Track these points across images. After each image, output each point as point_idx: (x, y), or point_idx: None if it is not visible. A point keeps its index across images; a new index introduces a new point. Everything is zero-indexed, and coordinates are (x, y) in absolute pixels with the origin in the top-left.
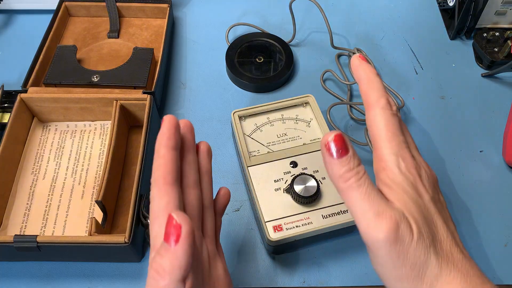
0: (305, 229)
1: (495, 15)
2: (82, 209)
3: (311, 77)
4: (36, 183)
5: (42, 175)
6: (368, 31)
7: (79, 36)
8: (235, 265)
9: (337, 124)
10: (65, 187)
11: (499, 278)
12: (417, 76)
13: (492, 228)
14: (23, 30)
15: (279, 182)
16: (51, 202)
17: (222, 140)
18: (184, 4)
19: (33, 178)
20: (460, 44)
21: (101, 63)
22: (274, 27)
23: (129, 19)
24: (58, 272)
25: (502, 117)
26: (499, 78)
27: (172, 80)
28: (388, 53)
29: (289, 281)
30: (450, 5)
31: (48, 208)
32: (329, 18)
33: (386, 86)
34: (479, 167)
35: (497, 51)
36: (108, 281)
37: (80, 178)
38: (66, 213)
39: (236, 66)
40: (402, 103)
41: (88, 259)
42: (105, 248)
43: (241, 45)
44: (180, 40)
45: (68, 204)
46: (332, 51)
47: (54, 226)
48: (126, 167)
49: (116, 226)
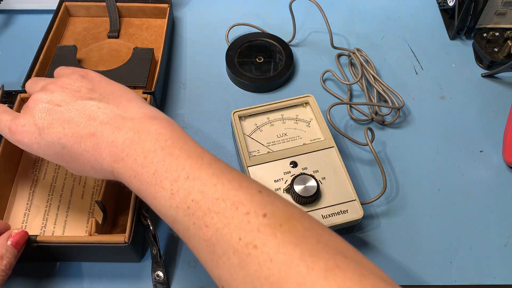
0: None
1: (495, 15)
2: (82, 209)
3: (311, 77)
4: (36, 183)
5: (42, 175)
6: (368, 31)
7: (79, 36)
8: None
9: (337, 124)
10: (65, 187)
11: (499, 278)
12: (417, 76)
13: (492, 228)
14: (23, 30)
15: (279, 182)
16: (51, 202)
17: (222, 140)
18: (184, 4)
19: (33, 178)
20: (460, 44)
21: (101, 63)
22: (274, 27)
23: (129, 19)
24: (58, 272)
25: (502, 117)
26: (499, 78)
27: (172, 80)
28: (388, 53)
29: None
30: (450, 5)
31: (48, 208)
32: (329, 18)
33: (386, 86)
34: (479, 167)
35: (497, 51)
36: (108, 281)
37: (80, 178)
38: (66, 213)
39: (236, 66)
40: (402, 103)
41: (88, 259)
42: (105, 248)
43: (241, 45)
44: (180, 40)
45: (68, 204)
46: (332, 51)
47: (54, 226)
48: None
49: (116, 226)
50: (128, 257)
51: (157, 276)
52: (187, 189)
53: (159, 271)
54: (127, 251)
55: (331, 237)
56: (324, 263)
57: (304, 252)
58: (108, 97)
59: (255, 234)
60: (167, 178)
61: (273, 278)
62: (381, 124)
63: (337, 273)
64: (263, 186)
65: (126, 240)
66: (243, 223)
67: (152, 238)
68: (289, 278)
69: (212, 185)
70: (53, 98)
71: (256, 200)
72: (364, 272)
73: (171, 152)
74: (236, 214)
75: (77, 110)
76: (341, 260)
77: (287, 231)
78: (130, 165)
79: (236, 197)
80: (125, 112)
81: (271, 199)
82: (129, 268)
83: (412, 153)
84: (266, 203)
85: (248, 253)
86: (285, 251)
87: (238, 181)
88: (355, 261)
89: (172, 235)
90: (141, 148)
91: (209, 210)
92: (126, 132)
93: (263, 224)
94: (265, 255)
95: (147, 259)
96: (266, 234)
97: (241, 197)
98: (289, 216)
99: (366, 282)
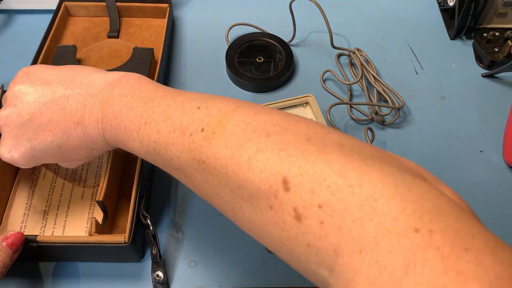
0: None
1: (495, 15)
2: (82, 209)
3: (311, 77)
4: (36, 183)
5: (42, 175)
6: (368, 31)
7: (79, 36)
8: (235, 265)
9: (337, 124)
10: (65, 187)
11: None
12: (417, 76)
13: (492, 228)
14: (23, 30)
15: None
16: (51, 202)
17: None
18: (184, 4)
19: (33, 178)
20: (460, 44)
21: (101, 63)
22: (274, 27)
23: (129, 19)
24: (58, 272)
25: (502, 117)
26: (499, 78)
27: (172, 80)
28: (388, 53)
29: (289, 281)
30: (450, 5)
31: (48, 208)
32: (329, 18)
33: (386, 86)
34: (479, 167)
35: (497, 51)
36: (108, 281)
37: (80, 178)
38: (66, 213)
39: (236, 66)
40: (402, 103)
41: (88, 259)
42: (105, 248)
43: (241, 45)
44: (180, 40)
45: (68, 204)
46: (332, 51)
47: (54, 226)
48: (126, 166)
49: (116, 226)
50: (128, 257)
51: (157, 276)
52: (148, 133)
53: (159, 271)
54: (127, 251)
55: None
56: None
57: (232, 149)
58: (67, 83)
59: (200, 150)
60: (133, 130)
61: (223, 182)
62: (381, 124)
63: (258, 158)
64: (203, 99)
65: (126, 240)
66: (191, 144)
67: (152, 238)
68: (230, 178)
69: (163, 122)
70: (19, 111)
71: (196, 118)
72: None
73: (131, 106)
74: (184, 139)
75: (49, 109)
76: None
77: (219, 135)
78: (110, 131)
79: (182, 124)
80: (90, 89)
81: (208, 110)
82: (129, 268)
83: (412, 153)
84: (203, 117)
85: (202, 169)
86: (220, 156)
87: (181, 107)
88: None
89: (172, 235)
90: (111, 112)
91: (167, 144)
92: (99, 106)
93: (202, 138)
94: (211, 165)
95: (147, 259)
96: (205, 147)
97: (184, 122)
98: (221, 119)
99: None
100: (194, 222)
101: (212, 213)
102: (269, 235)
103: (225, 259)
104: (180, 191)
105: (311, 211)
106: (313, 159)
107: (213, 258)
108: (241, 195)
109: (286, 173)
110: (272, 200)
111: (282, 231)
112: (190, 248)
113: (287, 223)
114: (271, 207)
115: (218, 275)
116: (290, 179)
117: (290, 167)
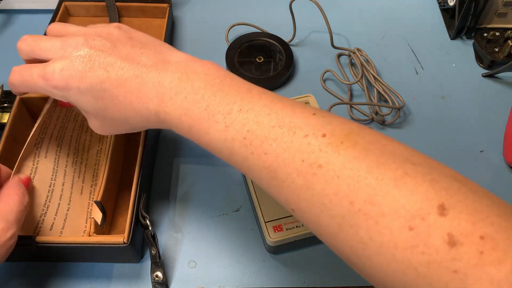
0: (305, 229)
1: (495, 15)
2: (80, 209)
3: (311, 77)
4: (36, 182)
5: (42, 175)
6: (368, 31)
7: None
8: (235, 265)
9: None
10: (64, 187)
11: None
12: (418, 76)
13: None
14: (23, 30)
15: None
16: (49, 203)
17: None
18: (184, 4)
19: (32, 178)
20: (461, 44)
21: None
22: (274, 27)
23: (129, 19)
24: (58, 272)
25: (503, 117)
26: (500, 78)
27: None
28: (388, 53)
29: (289, 281)
30: (450, 5)
31: (47, 208)
32: (329, 18)
33: (386, 86)
34: (479, 167)
35: (498, 51)
36: (108, 281)
37: (80, 178)
38: (66, 213)
39: (236, 66)
40: (402, 103)
41: (88, 260)
42: (104, 249)
43: (241, 45)
44: (180, 40)
45: (68, 204)
46: (332, 51)
47: (53, 225)
48: (125, 166)
49: (115, 226)
50: (127, 258)
51: (156, 277)
52: (241, 121)
53: (158, 272)
54: (126, 251)
55: (394, 145)
56: (392, 173)
57: (370, 164)
58: (148, 45)
59: (318, 154)
60: (219, 112)
61: (342, 193)
62: (382, 124)
63: (407, 180)
64: (317, 109)
65: (125, 240)
66: (304, 146)
67: (151, 239)
68: (359, 190)
69: (266, 115)
70: (94, 43)
71: (313, 122)
72: (434, 177)
73: (221, 89)
74: (295, 138)
75: (119, 55)
76: (409, 167)
77: (350, 147)
78: (180, 103)
79: (292, 123)
80: (168, 56)
81: (327, 119)
82: (128, 268)
83: None
84: (323, 123)
85: (313, 173)
86: (351, 166)
87: (291, 108)
88: (423, 166)
89: (171, 235)
90: (191, 86)
91: (266, 138)
92: (172, 73)
93: (324, 143)
94: (331, 172)
95: (146, 259)
96: (328, 153)
97: (296, 122)
98: (348, 132)
99: (437, 186)
100: (194, 222)
101: (212, 213)
102: (392, 257)
103: (225, 259)
104: (180, 191)
105: (470, 240)
106: (471, 197)
107: (213, 258)
108: (366, 210)
109: (444, 200)
110: (417, 221)
111: (421, 255)
112: (190, 248)
113: (430, 247)
114: (411, 228)
115: (218, 275)
116: (449, 206)
117: (448, 198)
